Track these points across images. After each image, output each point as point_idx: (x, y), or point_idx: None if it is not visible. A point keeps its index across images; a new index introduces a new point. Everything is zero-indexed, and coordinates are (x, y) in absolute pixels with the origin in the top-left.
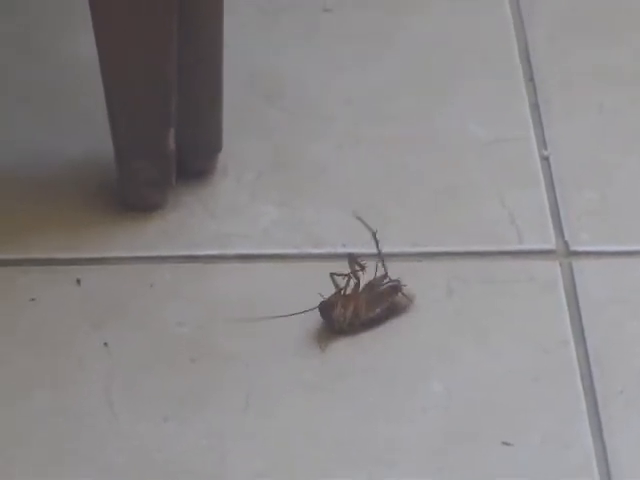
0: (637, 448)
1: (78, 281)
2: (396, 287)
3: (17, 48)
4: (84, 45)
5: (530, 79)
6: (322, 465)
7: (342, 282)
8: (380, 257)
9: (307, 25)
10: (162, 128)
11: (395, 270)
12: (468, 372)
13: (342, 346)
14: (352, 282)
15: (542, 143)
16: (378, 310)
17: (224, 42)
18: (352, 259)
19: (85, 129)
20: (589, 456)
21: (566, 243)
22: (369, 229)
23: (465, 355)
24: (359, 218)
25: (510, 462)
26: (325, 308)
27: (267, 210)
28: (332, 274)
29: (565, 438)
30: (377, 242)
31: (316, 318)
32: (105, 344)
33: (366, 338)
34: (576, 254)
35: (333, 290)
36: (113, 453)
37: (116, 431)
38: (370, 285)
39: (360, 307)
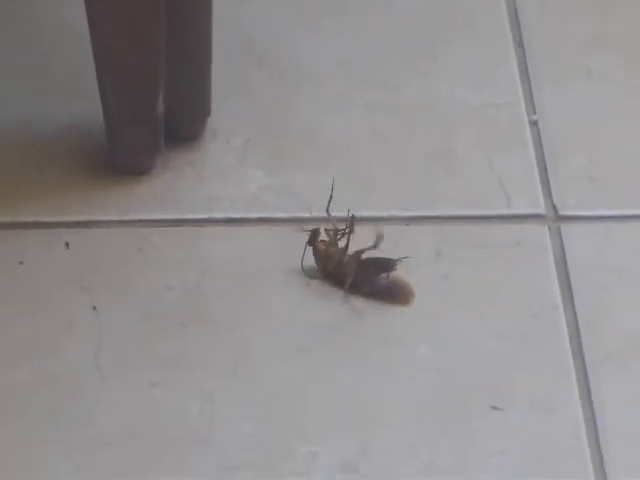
0: (625, 410)
1: (67, 244)
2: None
3: (3, 14)
4: (73, 10)
5: (519, 44)
6: (311, 428)
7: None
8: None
9: None
10: (151, 93)
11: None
12: (456, 336)
13: (330, 309)
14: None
15: (531, 108)
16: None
17: (214, 7)
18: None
19: (74, 94)
20: (578, 420)
21: (555, 207)
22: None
23: (453, 319)
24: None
25: (499, 426)
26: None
27: (256, 174)
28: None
29: (554, 402)
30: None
31: (304, 282)
32: (94, 308)
33: (354, 301)
34: (565, 218)
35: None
36: (102, 419)
37: (104, 397)
38: (360, 252)
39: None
